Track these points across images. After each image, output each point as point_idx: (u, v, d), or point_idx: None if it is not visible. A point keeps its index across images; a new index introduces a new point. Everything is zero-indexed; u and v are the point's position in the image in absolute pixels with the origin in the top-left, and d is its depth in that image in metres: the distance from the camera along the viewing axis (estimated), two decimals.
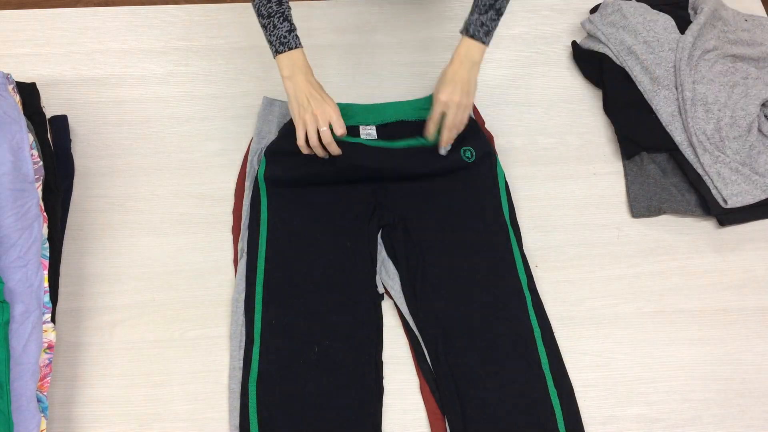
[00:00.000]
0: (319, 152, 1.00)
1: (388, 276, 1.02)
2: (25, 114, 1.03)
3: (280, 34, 0.97)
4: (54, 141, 1.10)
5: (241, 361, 0.95)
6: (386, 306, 1.02)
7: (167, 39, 1.27)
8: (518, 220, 1.09)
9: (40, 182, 0.98)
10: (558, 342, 1.00)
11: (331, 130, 0.99)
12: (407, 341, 1.00)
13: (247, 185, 1.08)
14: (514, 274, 1.01)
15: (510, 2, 1.03)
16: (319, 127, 0.97)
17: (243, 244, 1.04)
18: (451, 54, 1.02)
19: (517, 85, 1.23)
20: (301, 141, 0.99)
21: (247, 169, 1.10)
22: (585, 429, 0.93)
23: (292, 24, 0.99)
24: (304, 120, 0.98)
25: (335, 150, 1.00)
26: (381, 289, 1.01)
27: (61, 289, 1.02)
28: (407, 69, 1.24)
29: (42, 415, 0.87)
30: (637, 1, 1.26)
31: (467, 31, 1.01)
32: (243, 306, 0.98)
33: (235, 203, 1.10)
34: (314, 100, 0.97)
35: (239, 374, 0.94)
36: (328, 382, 0.92)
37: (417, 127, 1.08)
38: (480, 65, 1.02)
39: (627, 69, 1.18)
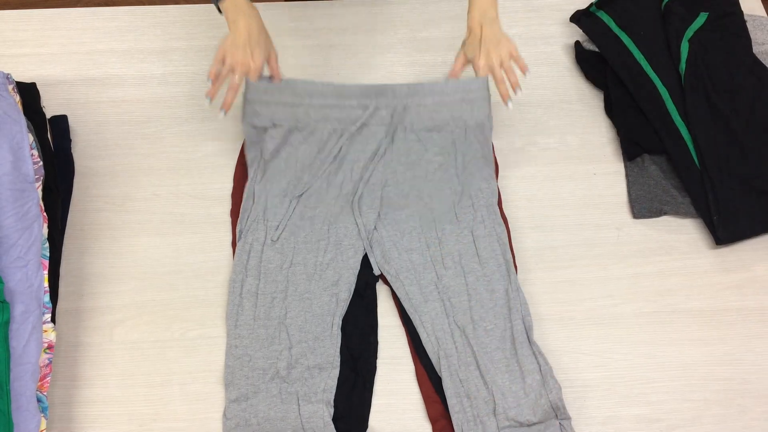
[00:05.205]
0: (212, 91, 1.00)
1: (385, 261, 1.03)
2: (25, 114, 1.03)
3: None
4: (54, 141, 1.10)
5: (237, 340, 0.97)
6: (385, 306, 1.03)
7: (167, 39, 1.27)
8: (518, 221, 1.09)
9: (40, 182, 0.98)
10: (557, 342, 1.00)
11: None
12: (407, 339, 1.00)
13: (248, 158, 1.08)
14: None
15: None
16: (233, 73, 0.98)
17: (242, 226, 1.04)
18: (451, 55, 1.02)
19: None
20: (212, 70, 0.99)
21: (246, 152, 1.09)
22: (585, 429, 0.93)
23: None
24: (224, 60, 0.98)
25: (229, 101, 0.99)
26: (377, 271, 1.03)
27: (61, 289, 1.02)
28: (407, 69, 1.24)
29: (42, 415, 0.87)
30: None
31: None
32: (239, 287, 1.00)
33: (234, 186, 1.10)
34: (244, 51, 0.97)
35: (235, 352, 0.96)
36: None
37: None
38: (498, 19, 1.02)
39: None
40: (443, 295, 1.00)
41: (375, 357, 0.99)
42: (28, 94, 1.09)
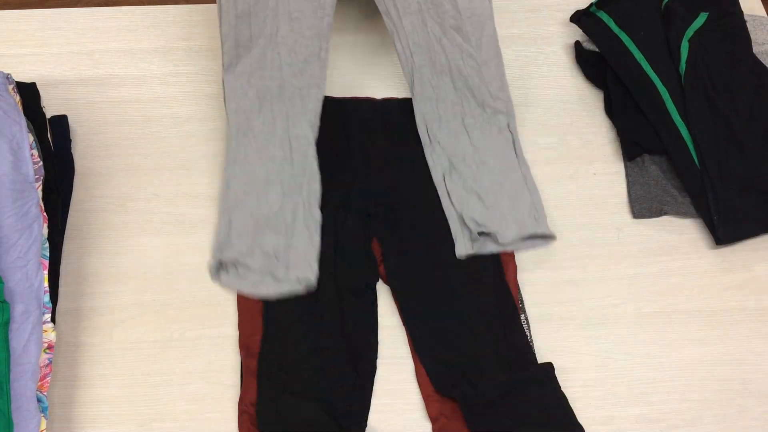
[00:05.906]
0: None
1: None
2: (25, 114, 1.02)
3: None
4: (54, 141, 1.10)
5: (235, 59, 1.03)
6: (385, 306, 1.03)
7: (167, 39, 1.27)
8: None
9: (40, 182, 0.98)
10: (557, 342, 1.00)
11: None
12: (407, 338, 1.00)
13: None
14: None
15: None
16: None
17: None
18: None
19: (517, 85, 1.23)
20: None
21: None
22: (586, 428, 0.93)
23: None
24: None
25: None
26: None
27: (61, 289, 1.02)
28: None
29: (42, 415, 0.87)
30: None
31: None
32: (233, 8, 1.02)
33: None
34: None
35: (235, 70, 1.04)
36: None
37: None
38: None
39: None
40: (423, 4, 1.02)
41: (375, 357, 0.99)
42: (28, 94, 1.09)
